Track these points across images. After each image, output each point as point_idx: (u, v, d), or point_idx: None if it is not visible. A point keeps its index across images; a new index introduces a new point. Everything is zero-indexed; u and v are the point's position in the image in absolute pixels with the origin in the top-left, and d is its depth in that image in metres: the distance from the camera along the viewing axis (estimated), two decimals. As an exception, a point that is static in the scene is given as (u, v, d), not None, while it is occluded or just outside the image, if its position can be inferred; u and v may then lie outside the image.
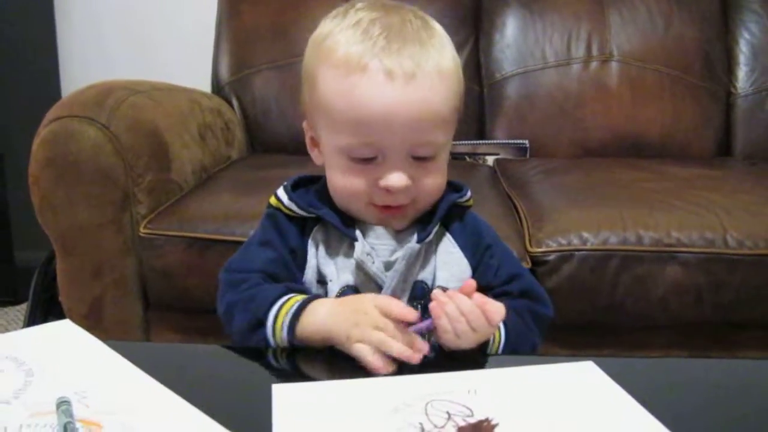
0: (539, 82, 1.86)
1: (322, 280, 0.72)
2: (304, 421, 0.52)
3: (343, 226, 0.71)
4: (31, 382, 0.55)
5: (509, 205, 1.38)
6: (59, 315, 1.72)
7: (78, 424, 0.48)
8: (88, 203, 1.26)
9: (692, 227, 1.20)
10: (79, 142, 1.23)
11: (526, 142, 1.83)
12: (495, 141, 1.85)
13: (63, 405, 0.49)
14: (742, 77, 1.87)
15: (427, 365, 0.61)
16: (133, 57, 2.18)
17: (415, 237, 0.71)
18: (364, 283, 0.70)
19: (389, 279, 0.70)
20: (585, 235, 1.20)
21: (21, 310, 2.11)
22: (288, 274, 0.71)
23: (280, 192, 0.74)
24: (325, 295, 0.71)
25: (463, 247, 0.74)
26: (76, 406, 0.50)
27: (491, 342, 0.68)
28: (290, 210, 0.72)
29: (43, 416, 0.49)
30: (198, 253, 1.22)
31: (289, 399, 0.55)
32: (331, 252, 0.72)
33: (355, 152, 0.68)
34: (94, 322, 1.31)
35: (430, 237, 0.71)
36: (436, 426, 0.51)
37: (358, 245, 0.70)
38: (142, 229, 1.25)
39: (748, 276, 1.18)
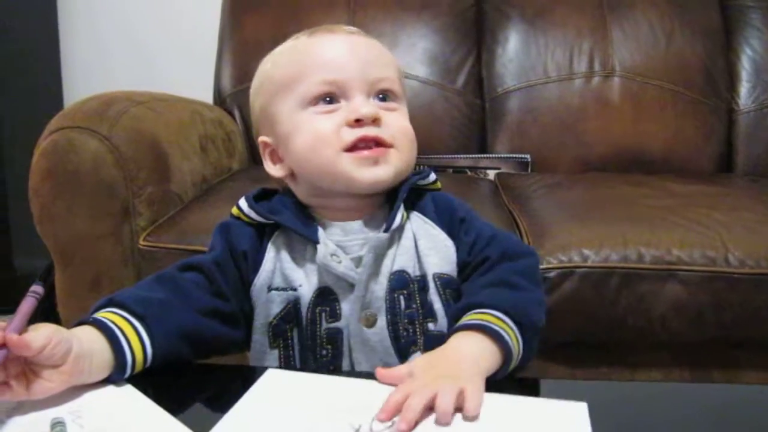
0: (541, 96, 1.86)
1: (279, 288, 0.71)
2: (265, 404, 0.56)
3: (303, 229, 0.70)
4: (24, 402, 0.54)
5: (510, 221, 1.38)
6: (57, 324, 1.72)
7: (72, 446, 0.47)
8: (88, 214, 1.25)
9: (693, 245, 1.19)
10: (79, 153, 1.23)
11: (528, 156, 1.83)
12: (496, 155, 1.85)
13: (57, 426, 0.49)
14: (744, 93, 1.87)
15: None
16: (135, 67, 2.19)
17: (380, 226, 0.70)
18: (335, 283, 0.70)
19: (360, 275, 0.68)
20: (586, 252, 1.19)
21: (20, 318, 2.10)
22: (220, 273, 0.70)
23: (242, 201, 0.75)
24: (285, 303, 0.70)
25: (441, 226, 0.73)
26: (70, 426, 0.50)
27: (510, 346, 0.62)
28: (249, 217, 0.73)
29: (37, 437, 0.49)
30: (197, 266, 1.22)
31: (269, 384, 0.59)
32: (297, 257, 0.71)
33: (318, 91, 0.70)
34: None
35: (396, 222, 0.70)
36: (371, 430, 0.52)
37: (320, 248, 0.69)
38: (141, 241, 1.25)
39: (749, 295, 1.17)
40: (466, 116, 1.89)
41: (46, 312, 1.69)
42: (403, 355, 0.70)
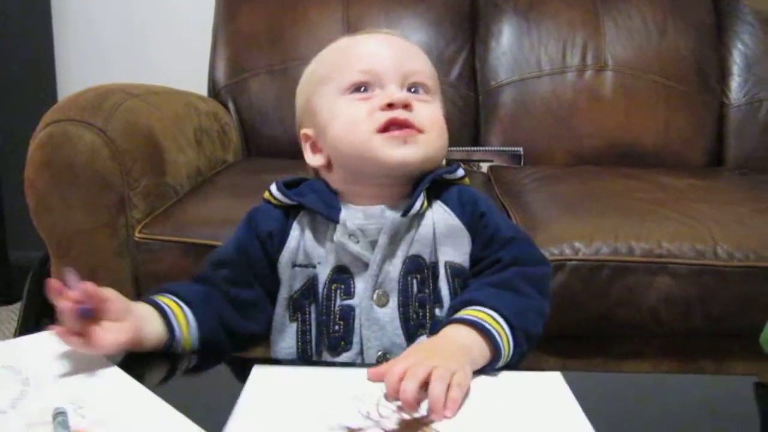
0: (534, 89, 1.87)
1: (302, 264, 0.75)
2: (267, 398, 0.57)
3: (326, 210, 0.74)
4: (27, 392, 0.56)
5: (503, 213, 1.39)
6: (52, 317, 1.72)
7: (74, 436, 0.48)
8: (84, 207, 1.26)
9: (683, 239, 1.21)
10: (75, 145, 1.24)
11: (521, 149, 1.85)
12: (489, 148, 1.86)
13: (59, 416, 0.50)
14: (735, 88, 1.89)
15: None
16: (130, 59, 2.19)
17: (399, 210, 0.73)
18: (352, 262, 0.73)
19: (374, 255, 0.72)
20: (577, 245, 1.21)
21: (14, 309, 2.11)
22: (245, 261, 0.76)
23: (272, 186, 0.79)
24: (310, 277, 0.74)
25: (461, 217, 0.75)
26: (72, 416, 0.51)
27: (500, 347, 0.65)
28: (277, 200, 0.77)
29: (40, 426, 0.50)
30: (193, 258, 1.23)
31: (263, 380, 0.60)
32: (319, 236, 0.75)
33: (356, 80, 0.75)
34: None
35: (415, 209, 0.72)
36: (381, 416, 0.54)
37: (339, 227, 0.72)
38: (137, 234, 1.26)
39: (738, 288, 1.19)
40: (460, 109, 1.90)
41: (40, 305, 1.71)
42: (411, 337, 0.72)
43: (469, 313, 0.66)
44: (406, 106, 0.73)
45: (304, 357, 0.74)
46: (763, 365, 0.92)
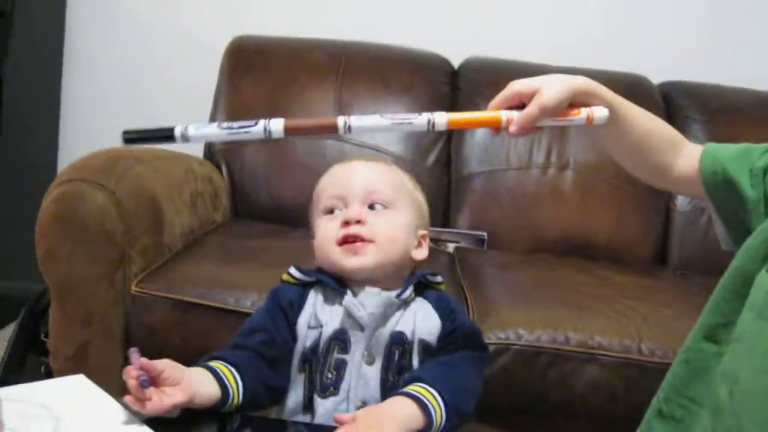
0: (501, 181, 2.06)
1: (314, 326, 0.92)
2: None
3: (336, 285, 0.93)
4: (59, 427, 0.70)
5: (461, 295, 1.56)
6: (39, 353, 1.83)
7: (101, 466, 0.63)
8: (88, 258, 1.40)
9: (613, 334, 1.38)
10: (87, 204, 1.39)
11: (485, 234, 2.02)
12: (457, 230, 2.04)
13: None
14: (681, 196, 2.09)
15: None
16: (133, 118, 2.35)
17: (393, 294, 0.92)
18: (351, 326, 0.91)
19: (370, 322, 0.89)
20: (521, 331, 1.37)
21: (-4, 338, 2.20)
22: (271, 325, 0.92)
23: (291, 269, 0.96)
24: (317, 337, 0.91)
25: (436, 310, 0.94)
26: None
27: (433, 418, 0.82)
28: (296, 278, 0.95)
29: (74, 457, 0.65)
30: (182, 314, 1.38)
31: None
32: (328, 301, 0.93)
33: (328, 204, 0.95)
34: (78, 365, 1.44)
35: (406, 294, 0.92)
36: None
37: (347, 297, 0.91)
38: (134, 287, 1.41)
39: (657, 381, 1.34)
40: (434, 190, 2.07)
41: (31, 339, 1.83)
42: (385, 395, 0.89)
43: (413, 388, 0.84)
44: (359, 222, 0.91)
45: (310, 405, 0.90)
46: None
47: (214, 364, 0.85)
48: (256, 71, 2.15)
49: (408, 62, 2.18)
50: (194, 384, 0.79)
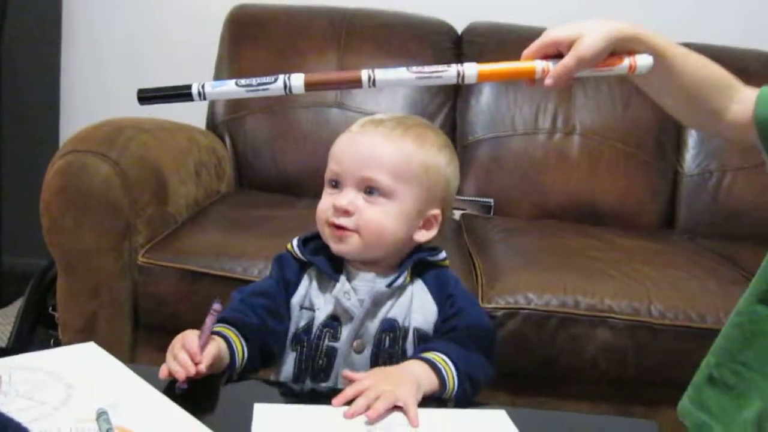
0: (507, 147, 2.05)
1: (307, 307, 0.92)
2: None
3: (330, 270, 0.91)
4: (72, 394, 0.70)
5: (469, 261, 1.55)
6: (47, 326, 1.84)
7: (115, 430, 0.63)
8: (93, 230, 1.40)
9: (623, 296, 1.38)
10: (91, 175, 1.38)
11: (491, 200, 2.02)
12: (463, 197, 2.03)
13: (103, 414, 0.65)
14: (689, 159, 2.08)
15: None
16: (134, 91, 2.32)
17: (385, 282, 0.89)
18: (342, 314, 0.90)
19: (359, 312, 0.88)
20: (530, 295, 1.37)
21: (4, 313, 2.20)
22: (277, 294, 0.92)
23: (295, 241, 0.95)
24: (310, 320, 0.91)
25: (433, 295, 0.92)
26: (111, 415, 0.65)
27: (446, 381, 0.82)
28: (296, 254, 0.94)
29: (87, 423, 0.64)
30: (189, 284, 1.37)
31: (267, 417, 0.72)
32: (322, 288, 0.92)
33: (329, 176, 0.90)
34: (88, 336, 1.42)
35: (397, 283, 0.89)
36: None
37: (338, 285, 0.89)
38: (140, 258, 1.40)
39: (668, 343, 1.36)
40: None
41: (39, 312, 1.83)
42: None
43: (426, 354, 0.84)
44: (346, 212, 0.87)
45: (299, 380, 0.91)
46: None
47: (229, 333, 0.85)
48: (257, 39, 2.12)
49: (411, 28, 2.15)
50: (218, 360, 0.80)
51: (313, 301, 0.92)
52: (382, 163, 0.88)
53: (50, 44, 2.34)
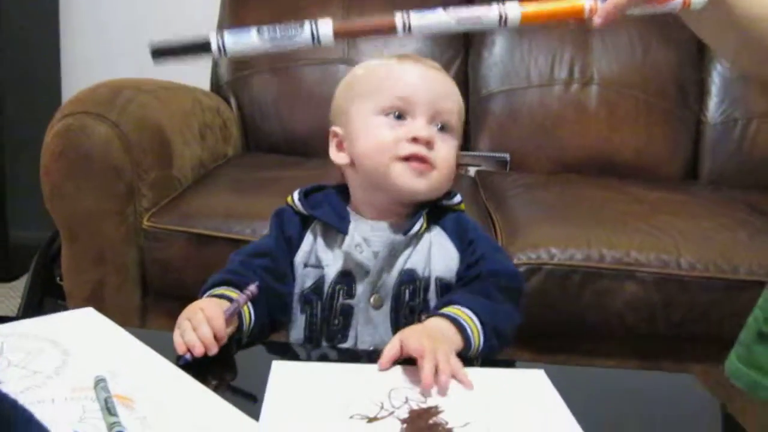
0: (522, 100, 1.97)
1: (313, 265, 0.85)
2: (291, 391, 0.64)
3: (337, 222, 0.84)
4: (67, 361, 0.65)
5: (487, 217, 1.49)
6: (55, 296, 1.81)
7: (114, 399, 0.58)
8: (95, 194, 1.35)
9: (650, 249, 1.31)
10: (90, 137, 1.32)
11: (507, 155, 1.94)
12: (478, 153, 1.96)
13: (100, 382, 0.59)
14: (712, 107, 1.99)
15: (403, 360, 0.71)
16: (135, 53, 2.25)
17: (401, 230, 0.83)
18: (355, 268, 0.83)
19: (374, 265, 0.82)
20: (553, 250, 1.31)
21: (13, 287, 2.18)
22: (278, 253, 0.85)
23: (295, 194, 0.88)
24: (319, 278, 0.84)
25: (453, 241, 0.86)
26: (109, 383, 0.60)
27: (471, 339, 0.76)
28: (297, 208, 0.87)
29: (84, 391, 0.59)
30: (197, 248, 1.32)
31: (284, 373, 0.67)
32: (329, 242, 0.85)
33: (393, 104, 0.82)
34: (95, 305, 1.36)
35: (414, 230, 0.82)
36: (393, 406, 0.62)
37: (347, 239, 0.82)
38: (145, 222, 1.35)
39: (697, 296, 1.30)
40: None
41: (45, 283, 1.79)
42: None
43: (448, 310, 0.77)
44: (429, 143, 0.81)
45: (312, 344, 0.85)
46: (712, 367, 1.02)
47: (235, 297, 0.78)
48: (259, -1, 2.05)
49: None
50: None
51: (320, 257, 0.85)
52: (455, 99, 0.85)
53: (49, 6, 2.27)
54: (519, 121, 1.97)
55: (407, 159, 0.81)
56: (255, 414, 0.59)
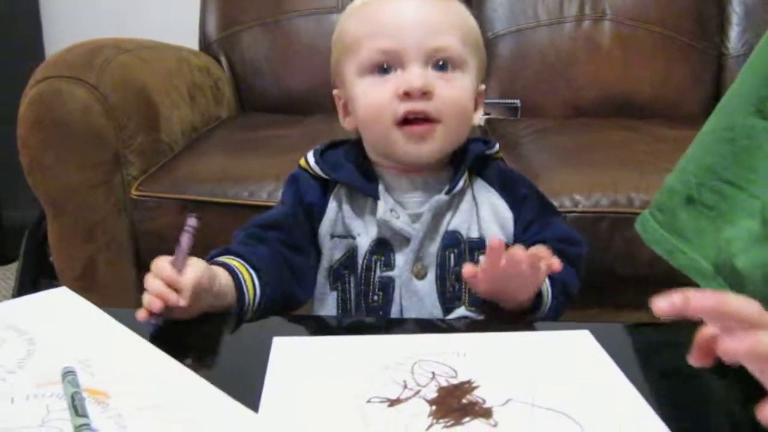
0: (531, 41, 1.85)
1: (341, 235, 0.75)
2: (296, 372, 0.54)
3: (364, 185, 0.74)
4: (33, 351, 0.55)
5: (501, 167, 1.38)
6: (50, 276, 1.72)
7: (84, 394, 0.48)
8: (78, 165, 1.25)
9: (683, 190, 1.21)
10: (67, 102, 1.22)
11: (518, 101, 1.83)
12: (486, 100, 1.84)
13: (69, 375, 0.50)
14: (734, 37, 1.87)
15: (425, 328, 0.62)
16: (118, 13, 2.14)
17: (445, 188, 0.73)
18: (393, 236, 0.73)
19: (416, 231, 0.72)
20: (577, 197, 1.21)
21: (8, 270, 2.11)
22: (294, 224, 0.75)
23: (309, 155, 0.77)
24: (349, 249, 0.74)
25: (505, 199, 0.76)
26: (81, 375, 0.51)
27: (544, 295, 0.70)
28: (314, 171, 0.76)
29: (50, 386, 0.50)
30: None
31: (286, 351, 0.57)
32: (357, 209, 0.75)
33: (374, 59, 0.70)
34: (88, 284, 1.31)
35: (459, 186, 0.73)
36: (419, 384, 0.52)
37: (380, 204, 0.72)
38: (133, 191, 1.25)
39: (736, 238, 1.19)
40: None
41: (38, 264, 1.70)
42: (447, 308, 0.73)
43: None
44: (425, 93, 0.69)
45: None
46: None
47: (235, 264, 0.68)
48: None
49: None
50: (206, 290, 0.63)
51: (349, 226, 0.74)
52: (452, 25, 0.71)
53: None
54: (529, 64, 1.85)
55: (405, 122, 0.70)
56: (254, 403, 0.49)
